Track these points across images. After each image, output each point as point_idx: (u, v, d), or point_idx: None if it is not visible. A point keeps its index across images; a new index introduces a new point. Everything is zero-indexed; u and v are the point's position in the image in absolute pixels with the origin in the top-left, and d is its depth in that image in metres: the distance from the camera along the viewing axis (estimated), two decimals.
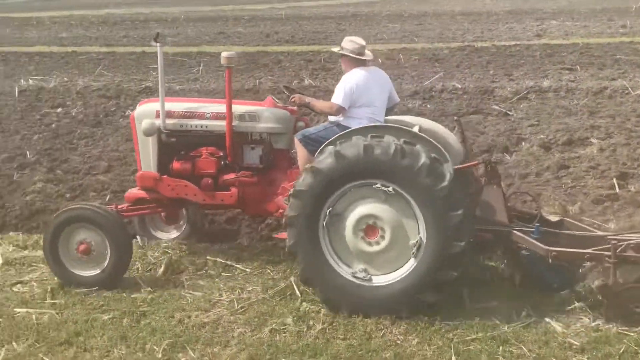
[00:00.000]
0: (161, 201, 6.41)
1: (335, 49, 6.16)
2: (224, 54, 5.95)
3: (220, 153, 6.25)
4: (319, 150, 5.40)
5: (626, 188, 7.80)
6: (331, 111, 5.88)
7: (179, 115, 6.29)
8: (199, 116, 6.28)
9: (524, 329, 5.03)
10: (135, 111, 6.49)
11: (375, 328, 5.08)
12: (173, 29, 28.51)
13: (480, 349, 4.78)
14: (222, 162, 6.24)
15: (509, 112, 11.45)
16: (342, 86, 5.76)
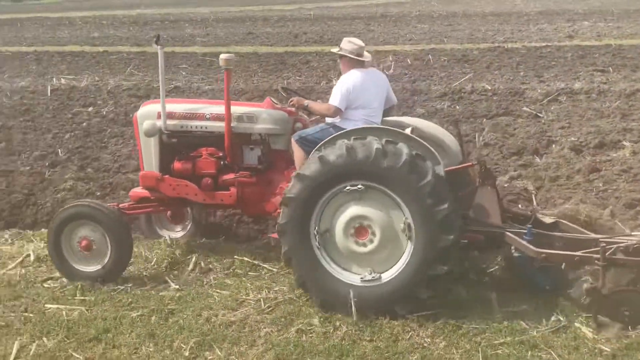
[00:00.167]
0: (163, 200, 6.52)
1: (334, 50, 6.19)
2: (222, 56, 6.04)
3: (219, 153, 6.34)
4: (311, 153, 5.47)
5: None
6: (328, 113, 5.93)
7: (180, 116, 6.39)
8: (199, 117, 6.37)
9: (553, 334, 4.96)
10: (137, 112, 6.61)
11: (402, 330, 5.06)
12: (202, 29, 28.73)
13: (508, 354, 4.73)
14: (222, 163, 6.34)
15: (540, 114, 11.30)
16: (339, 88, 5.81)
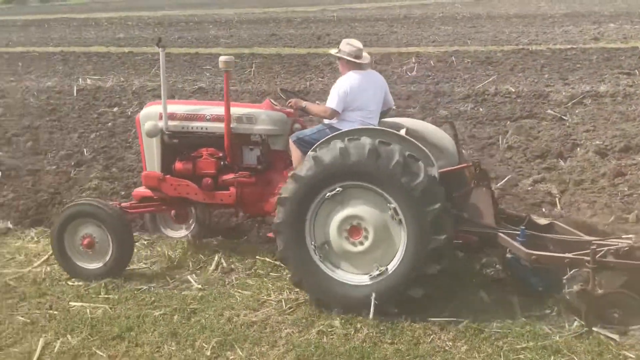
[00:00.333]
0: (165, 200, 6.61)
1: (333, 51, 6.22)
2: (222, 58, 6.10)
3: (219, 154, 6.41)
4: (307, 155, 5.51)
5: None
6: (325, 115, 5.96)
7: (181, 117, 6.47)
8: (200, 118, 6.45)
9: (577, 339, 4.89)
10: (140, 113, 6.70)
11: (423, 333, 5.04)
12: (226, 31, 28.89)
13: (530, 359, 4.68)
14: (222, 163, 6.40)
15: (564, 117, 11.21)
16: (336, 90, 5.83)
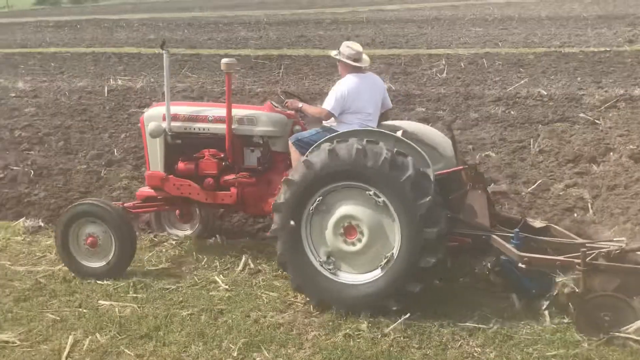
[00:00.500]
0: (168, 200, 6.69)
1: (332, 53, 6.28)
2: (224, 61, 6.20)
3: (221, 154, 6.49)
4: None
5: None
6: (321, 116, 6.05)
7: (184, 118, 6.57)
8: (202, 119, 6.54)
9: (607, 347, 4.79)
10: (144, 114, 6.81)
11: (451, 338, 5.00)
12: (256, 32, 28.99)
13: None
14: (223, 163, 6.48)
15: (597, 121, 11.01)
16: (334, 92, 5.92)
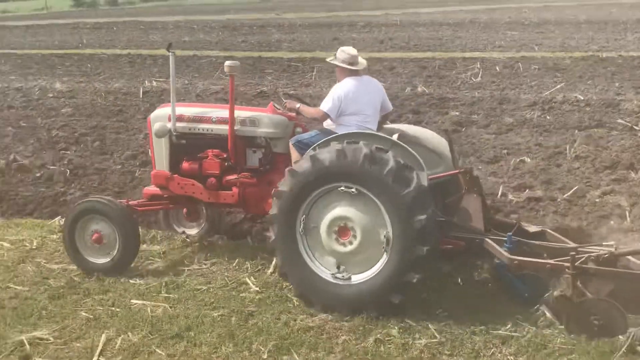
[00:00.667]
0: (173, 198, 6.83)
1: (328, 59, 6.38)
2: (227, 63, 6.31)
3: (224, 155, 6.61)
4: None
5: None
6: (318, 116, 6.19)
7: (189, 119, 6.70)
8: (206, 120, 6.68)
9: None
10: (151, 114, 6.98)
11: (483, 346, 4.93)
12: (289, 35, 29.09)
13: None
14: (226, 164, 6.59)
15: (635, 127, 10.78)
16: (331, 95, 6.05)
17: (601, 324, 4.85)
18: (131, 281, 6.24)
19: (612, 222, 7.11)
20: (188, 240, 7.22)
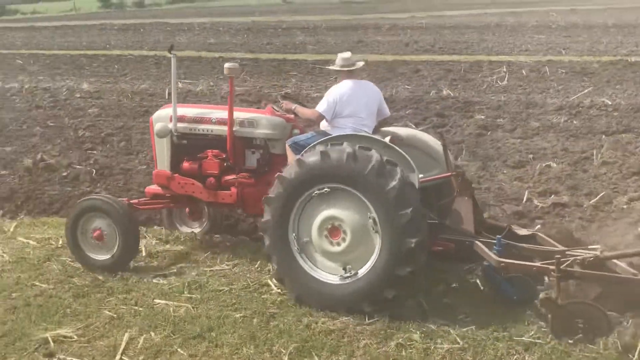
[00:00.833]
0: (173, 197, 6.96)
1: (330, 67, 6.62)
2: (227, 65, 6.41)
3: (223, 155, 6.72)
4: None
5: None
6: (313, 117, 6.27)
7: (189, 120, 6.84)
8: (206, 121, 6.80)
9: None
10: (153, 115, 7.12)
11: (506, 352, 4.87)
12: (314, 37, 29.13)
13: None
14: (225, 164, 6.70)
15: None
16: (327, 96, 6.16)
17: (585, 327, 4.88)
18: (154, 281, 6.28)
19: None
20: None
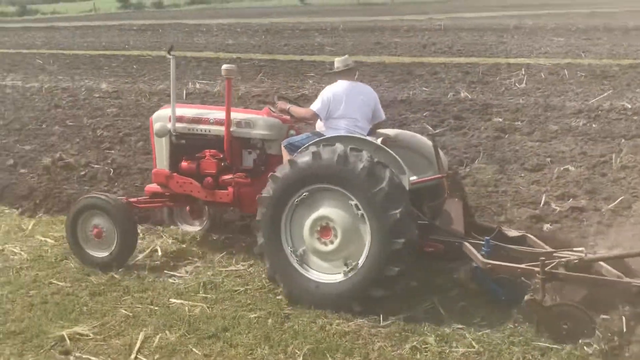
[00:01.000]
0: (172, 196, 7.10)
1: (329, 72, 6.74)
2: (224, 66, 6.53)
3: (220, 155, 6.83)
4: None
5: None
6: (307, 116, 6.42)
7: (188, 120, 6.98)
8: (204, 121, 6.93)
9: None
10: (153, 115, 7.26)
11: (522, 357, 4.85)
12: (332, 39, 29.11)
13: None
14: (222, 164, 6.81)
15: None
16: (321, 95, 6.30)
17: (569, 328, 4.93)
18: (170, 280, 6.31)
19: None
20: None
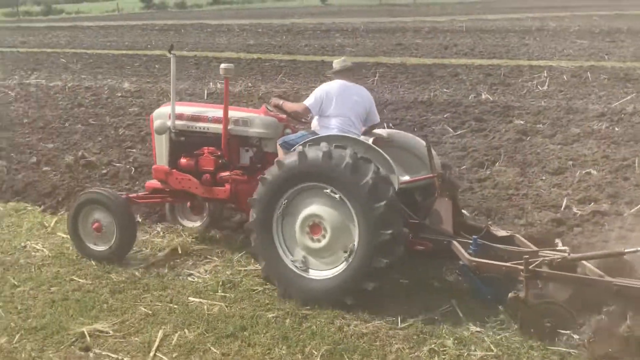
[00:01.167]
0: (171, 192, 7.19)
1: (329, 74, 6.78)
2: (223, 66, 6.60)
3: (218, 153, 6.91)
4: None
5: None
6: (299, 110, 6.47)
7: (187, 117, 7.06)
8: (203, 119, 7.02)
9: None
10: (154, 112, 7.34)
11: None
12: (352, 39, 29.11)
13: None
14: (220, 161, 6.89)
15: None
16: (315, 92, 6.38)
17: (551, 327, 4.95)
18: (189, 279, 6.35)
19: None
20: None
